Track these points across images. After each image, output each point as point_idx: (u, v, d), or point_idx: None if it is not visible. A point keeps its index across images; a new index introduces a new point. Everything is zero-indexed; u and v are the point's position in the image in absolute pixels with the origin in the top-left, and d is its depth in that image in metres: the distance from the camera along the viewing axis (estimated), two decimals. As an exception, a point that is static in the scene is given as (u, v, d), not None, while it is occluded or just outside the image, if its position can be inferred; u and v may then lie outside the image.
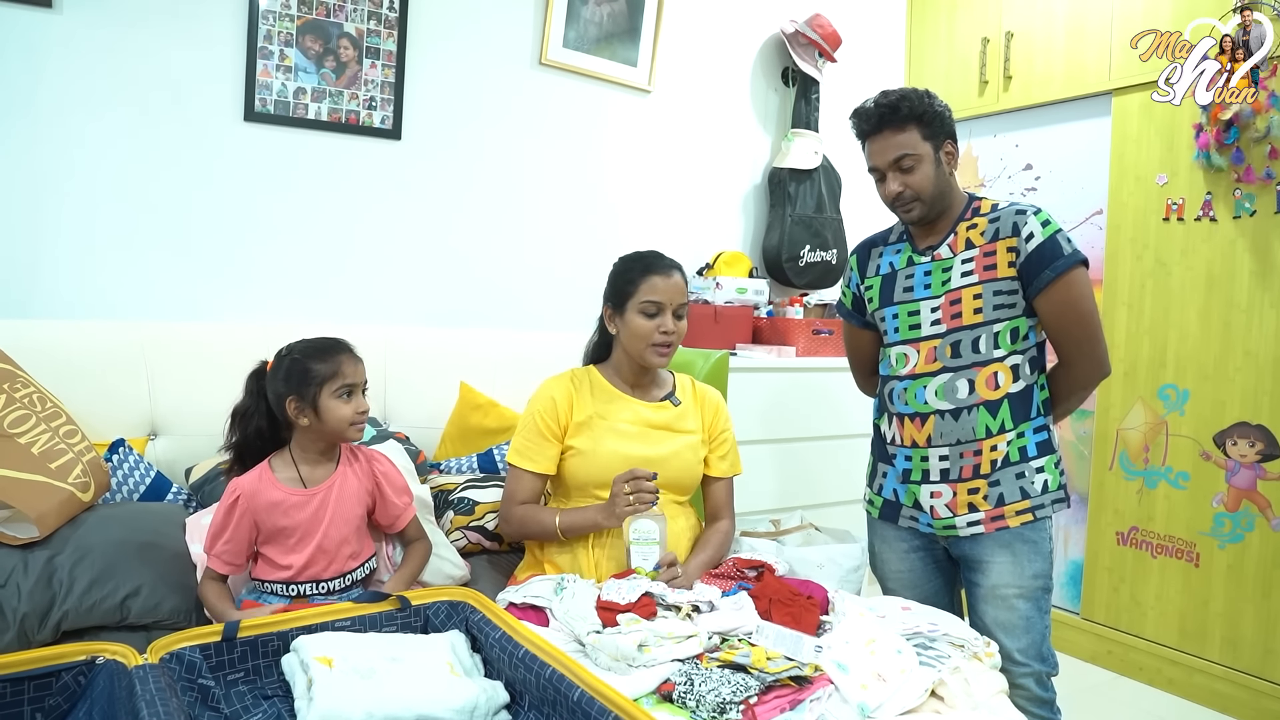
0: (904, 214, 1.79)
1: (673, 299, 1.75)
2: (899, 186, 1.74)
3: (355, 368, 1.56)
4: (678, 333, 1.77)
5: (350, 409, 1.53)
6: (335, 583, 1.53)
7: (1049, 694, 1.78)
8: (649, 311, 1.75)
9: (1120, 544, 2.86)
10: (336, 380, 1.52)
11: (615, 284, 1.81)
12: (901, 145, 1.72)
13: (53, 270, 2.13)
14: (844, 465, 2.86)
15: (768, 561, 1.76)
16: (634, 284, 1.76)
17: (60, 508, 1.58)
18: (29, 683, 1.15)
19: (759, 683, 1.30)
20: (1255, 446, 2.52)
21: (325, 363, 1.52)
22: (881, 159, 1.75)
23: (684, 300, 1.78)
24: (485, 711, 1.23)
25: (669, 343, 1.76)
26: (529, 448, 1.78)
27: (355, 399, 1.55)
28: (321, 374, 1.51)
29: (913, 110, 1.72)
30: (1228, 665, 2.57)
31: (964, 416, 1.73)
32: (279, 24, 2.33)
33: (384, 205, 2.56)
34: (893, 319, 1.83)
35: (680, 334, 1.78)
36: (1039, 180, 3.14)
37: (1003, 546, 1.74)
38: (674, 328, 1.75)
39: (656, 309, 1.74)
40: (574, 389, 1.82)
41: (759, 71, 3.34)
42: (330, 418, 1.52)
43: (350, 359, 1.56)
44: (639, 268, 1.78)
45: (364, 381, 1.58)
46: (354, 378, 1.55)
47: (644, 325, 1.75)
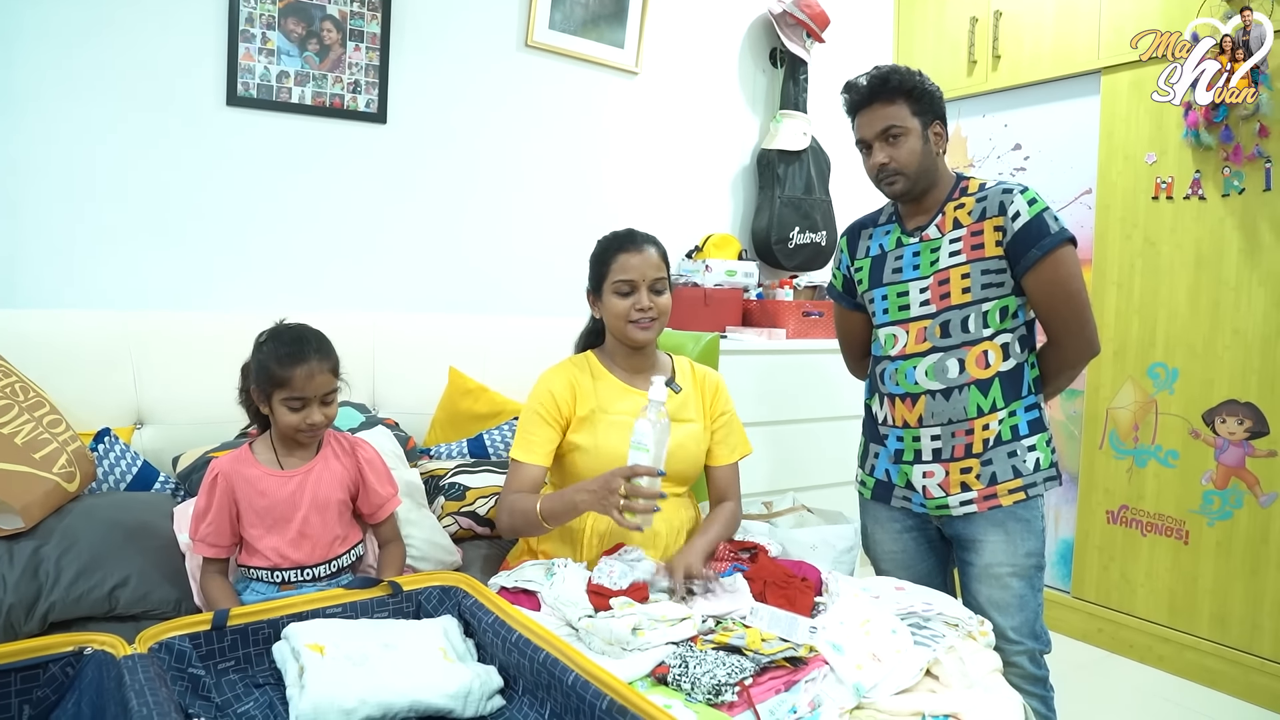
0: (887, 188, 1.78)
1: (645, 274, 1.70)
2: (884, 158, 1.74)
3: (309, 381, 1.48)
4: (657, 307, 1.71)
5: (297, 419, 1.49)
6: (322, 569, 1.52)
7: (1042, 671, 1.79)
8: (622, 290, 1.70)
9: (1110, 523, 2.87)
10: (285, 390, 1.47)
11: (592, 268, 1.78)
12: (890, 117, 1.72)
13: (34, 260, 2.10)
14: (835, 447, 2.87)
15: (760, 543, 1.75)
16: (606, 264, 1.73)
17: (45, 498, 1.56)
18: (16, 674, 1.13)
19: (754, 664, 1.30)
20: (1244, 424, 2.53)
21: (283, 369, 1.46)
22: (869, 130, 1.75)
23: (660, 274, 1.72)
24: (479, 697, 1.22)
25: (649, 318, 1.71)
26: (525, 439, 1.72)
27: (306, 412, 1.49)
28: (276, 379, 1.47)
29: (903, 84, 1.72)
30: (1217, 641, 2.59)
31: (955, 396, 1.72)
32: (260, 6, 2.29)
33: (370, 190, 2.54)
34: (882, 300, 1.83)
35: (661, 309, 1.72)
36: (1028, 160, 3.13)
37: (995, 525, 1.75)
38: (650, 303, 1.70)
39: (630, 287, 1.70)
40: (575, 379, 1.76)
41: (747, 52, 3.31)
42: (279, 421, 1.50)
43: (305, 372, 1.47)
44: (611, 248, 1.74)
45: (323, 393, 1.50)
46: (304, 391, 1.47)
47: (620, 304, 1.71)
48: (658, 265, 1.72)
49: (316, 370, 1.49)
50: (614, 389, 1.76)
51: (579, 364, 1.80)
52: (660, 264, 1.73)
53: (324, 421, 1.52)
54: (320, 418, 1.51)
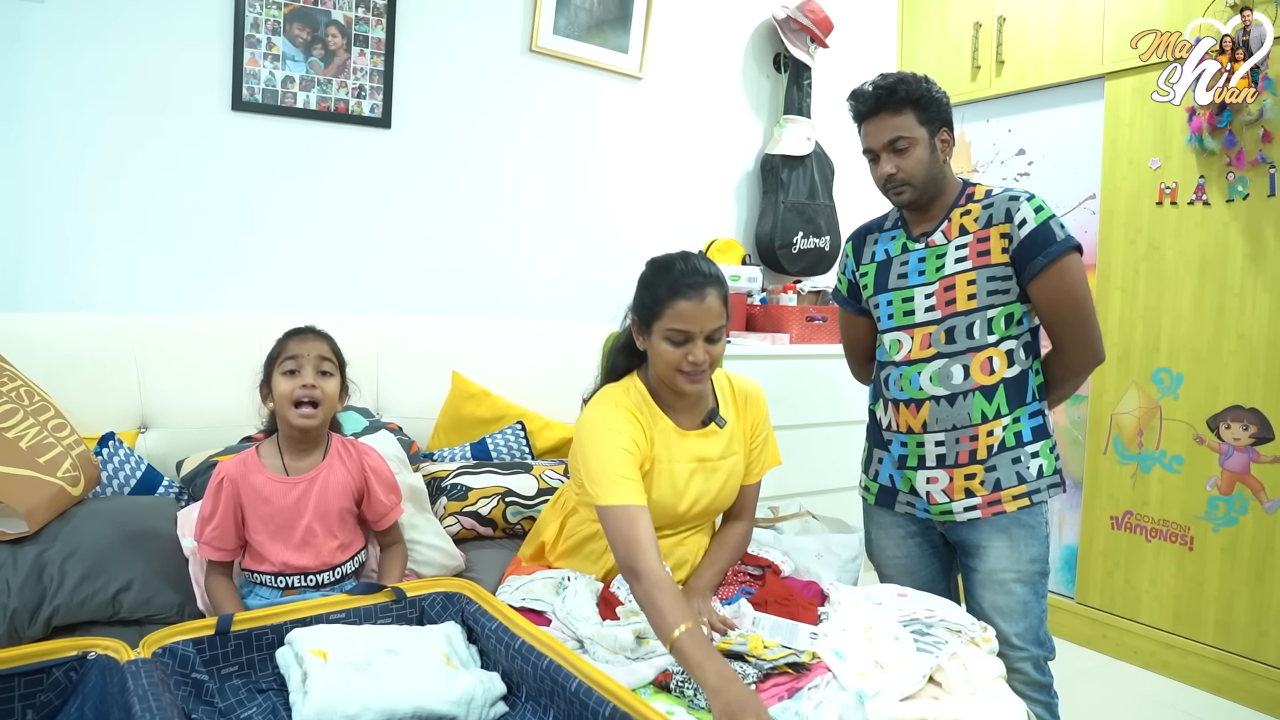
0: (895, 197, 1.78)
1: (704, 326, 1.49)
2: (892, 169, 1.73)
3: (302, 344, 1.54)
4: (711, 357, 1.52)
5: (291, 384, 1.50)
6: (325, 575, 1.52)
7: (1046, 678, 1.79)
8: (675, 340, 1.50)
9: (1114, 528, 2.86)
10: (282, 357, 1.53)
11: (641, 298, 1.57)
12: (897, 128, 1.72)
13: (40, 263, 2.11)
14: (839, 452, 2.86)
15: (774, 560, 1.73)
16: (660, 304, 1.51)
17: (49, 502, 1.56)
18: (20, 679, 1.14)
19: (757, 670, 1.29)
20: (1249, 430, 2.52)
21: (279, 344, 1.55)
22: (876, 140, 1.75)
23: (718, 324, 1.51)
24: (482, 703, 1.22)
25: (700, 370, 1.53)
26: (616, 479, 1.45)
27: (299, 375, 1.51)
28: (273, 354, 1.54)
29: (910, 93, 1.71)
30: (1222, 648, 2.58)
31: (959, 402, 1.72)
32: (266, 12, 2.30)
33: (374, 195, 2.54)
34: (886, 305, 1.82)
35: (715, 358, 1.54)
36: (1032, 165, 3.13)
37: (1000, 531, 1.74)
38: (704, 357, 1.50)
39: (684, 337, 1.50)
40: (639, 422, 1.57)
41: (750, 58, 3.32)
42: (277, 396, 1.52)
43: (299, 338, 1.55)
44: (665, 286, 1.51)
45: (314, 357, 1.53)
46: (296, 351, 1.52)
47: (671, 354, 1.51)
48: (719, 314, 1.51)
49: (309, 336, 1.56)
50: (665, 431, 1.61)
51: (634, 400, 1.61)
52: (721, 311, 1.52)
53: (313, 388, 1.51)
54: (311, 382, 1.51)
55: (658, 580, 1.33)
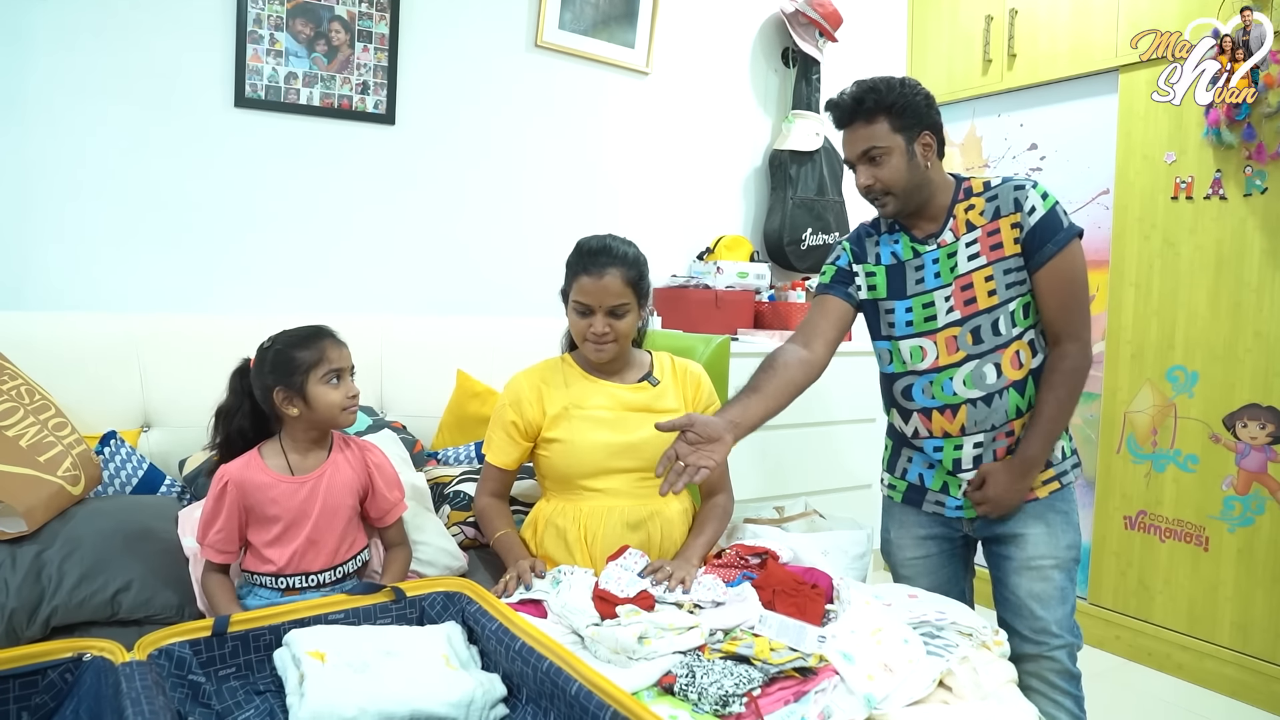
0: (880, 209, 1.75)
1: (603, 301, 1.67)
2: (869, 179, 1.69)
3: (340, 352, 1.53)
4: (615, 330, 1.69)
5: (340, 394, 1.50)
6: (326, 575, 1.50)
7: (1078, 670, 1.76)
8: (580, 311, 1.70)
9: (1128, 528, 2.82)
10: (322, 366, 1.49)
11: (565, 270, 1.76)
12: (869, 138, 1.68)
13: (42, 261, 2.10)
14: (847, 451, 2.84)
15: (771, 548, 1.72)
16: (570, 279, 1.72)
17: (49, 501, 1.55)
18: (15, 681, 1.12)
19: (762, 674, 1.27)
20: (1266, 428, 2.48)
21: (309, 350, 1.49)
22: (851, 151, 1.72)
23: (621, 300, 1.68)
24: (482, 705, 1.20)
25: (604, 341, 1.70)
26: (494, 440, 1.78)
27: (344, 384, 1.52)
28: (307, 361, 1.48)
29: (880, 102, 1.66)
30: (1238, 650, 2.54)
31: (996, 401, 1.70)
32: (268, 7, 2.29)
33: (378, 192, 2.53)
34: (905, 312, 1.77)
35: (621, 332, 1.70)
36: (1044, 160, 3.09)
37: (1036, 518, 1.73)
38: (605, 328, 1.68)
39: (587, 309, 1.69)
40: (543, 382, 1.78)
41: (759, 52, 3.29)
42: (320, 404, 1.48)
43: (334, 344, 1.53)
44: (575, 263, 1.72)
45: (351, 365, 1.55)
46: (339, 362, 1.51)
47: (578, 323, 1.72)
48: (618, 293, 1.67)
49: (339, 342, 1.55)
50: (585, 384, 1.78)
51: (553, 366, 1.83)
52: (623, 290, 1.68)
53: (358, 395, 1.55)
54: (356, 389, 1.54)
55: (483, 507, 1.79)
